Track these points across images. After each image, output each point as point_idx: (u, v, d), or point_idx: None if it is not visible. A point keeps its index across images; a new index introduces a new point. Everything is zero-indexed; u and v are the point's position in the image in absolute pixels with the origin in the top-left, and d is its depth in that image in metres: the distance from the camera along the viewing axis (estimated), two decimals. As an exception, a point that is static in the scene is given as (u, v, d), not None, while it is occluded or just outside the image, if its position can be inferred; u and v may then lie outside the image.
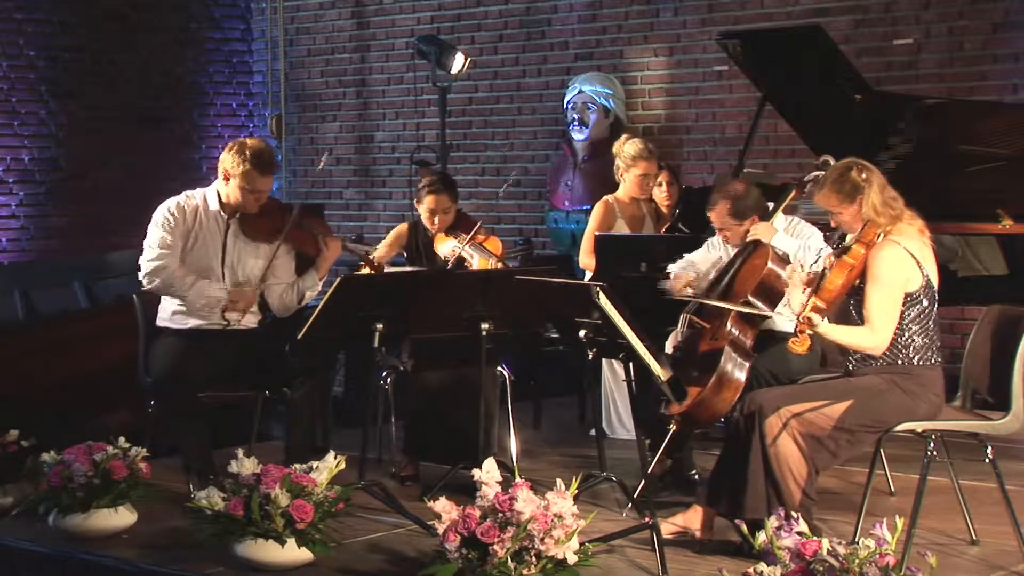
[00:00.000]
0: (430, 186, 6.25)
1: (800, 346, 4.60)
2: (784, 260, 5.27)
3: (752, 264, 5.35)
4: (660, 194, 7.17)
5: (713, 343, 5.22)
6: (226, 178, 5.76)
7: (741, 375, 5.11)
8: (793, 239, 5.50)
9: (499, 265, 6.05)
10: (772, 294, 5.21)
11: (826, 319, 4.67)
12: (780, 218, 5.61)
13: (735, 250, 5.62)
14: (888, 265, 4.73)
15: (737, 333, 5.18)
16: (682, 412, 5.14)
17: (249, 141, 5.78)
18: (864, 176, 4.81)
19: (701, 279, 5.63)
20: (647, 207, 7.04)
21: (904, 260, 4.75)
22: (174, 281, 5.70)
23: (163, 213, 5.77)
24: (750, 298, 5.19)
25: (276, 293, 5.91)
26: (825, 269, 4.80)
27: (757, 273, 5.25)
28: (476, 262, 6.06)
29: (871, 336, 4.73)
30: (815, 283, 4.76)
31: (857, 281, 4.78)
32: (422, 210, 6.27)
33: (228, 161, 5.73)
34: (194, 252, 5.77)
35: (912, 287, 4.76)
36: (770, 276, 5.20)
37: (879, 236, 4.80)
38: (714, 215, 5.64)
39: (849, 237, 4.86)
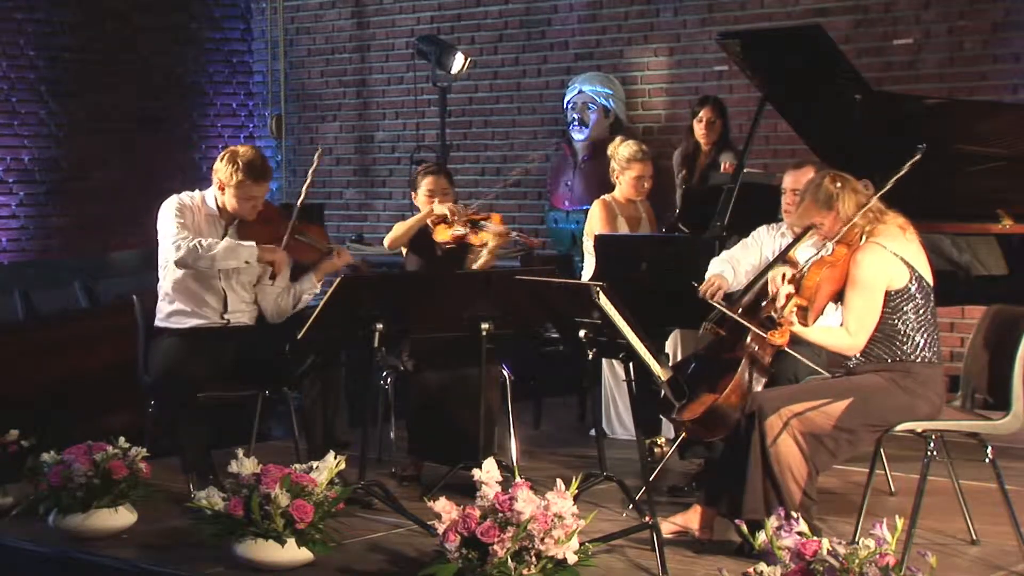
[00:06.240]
0: (427, 168, 6.47)
1: (779, 337, 4.70)
2: None
3: None
4: (700, 130, 7.95)
5: (732, 355, 5.20)
6: (221, 188, 5.74)
7: (757, 389, 5.09)
8: None
9: (501, 237, 6.20)
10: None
11: (808, 317, 4.74)
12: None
13: (778, 240, 5.60)
14: (867, 268, 4.77)
15: (757, 348, 5.14)
16: (693, 419, 5.14)
17: (240, 149, 5.74)
18: (839, 184, 4.89)
19: (734, 287, 5.59)
20: (644, 208, 7.03)
21: (885, 261, 4.78)
22: (203, 250, 5.59)
23: (171, 207, 5.74)
24: (773, 315, 5.14)
25: (271, 296, 5.89)
26: (805, 267, 4.85)
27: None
28: (481, 238, 6.16)
29: (846, 337, 4.78)
30: (796, 282, 4.80)
31: (841, 286, 4.81)
32: (420, 195, 6.31)
33: (222, 171, 5.71)
34: None
35: (897, 284, 4.78)
36: None
37: (862, 238, 4.84)
38: (796, 174, 5.66)
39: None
